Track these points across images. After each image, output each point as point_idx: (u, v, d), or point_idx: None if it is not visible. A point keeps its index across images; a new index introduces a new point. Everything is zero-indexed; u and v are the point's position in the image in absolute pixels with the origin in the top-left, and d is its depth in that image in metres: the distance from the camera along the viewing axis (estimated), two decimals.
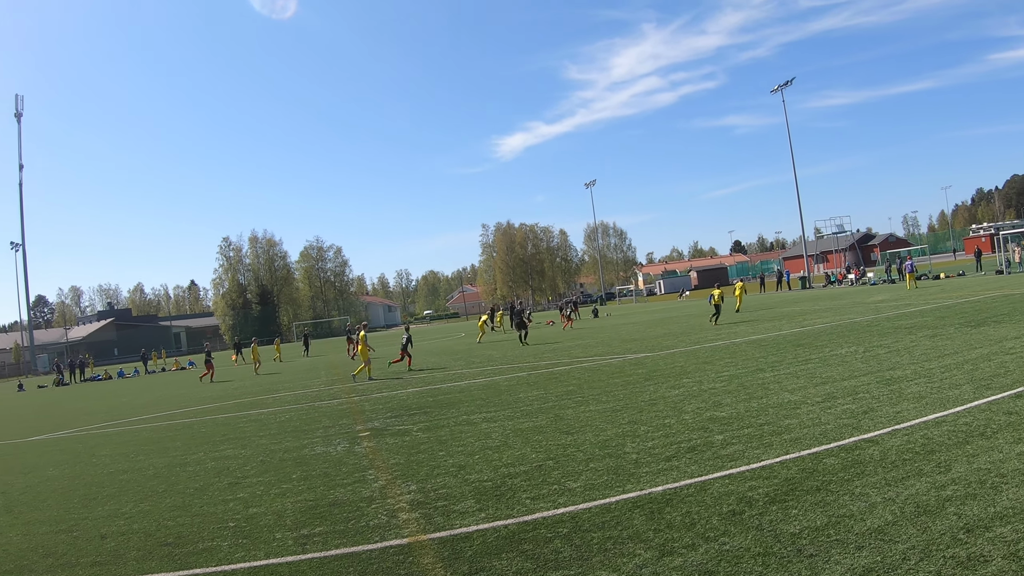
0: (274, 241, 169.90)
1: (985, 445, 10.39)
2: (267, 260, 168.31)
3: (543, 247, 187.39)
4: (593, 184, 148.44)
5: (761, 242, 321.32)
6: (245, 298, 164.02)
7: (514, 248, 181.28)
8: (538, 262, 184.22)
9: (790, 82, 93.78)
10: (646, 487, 10.31)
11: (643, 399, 18.30)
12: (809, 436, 12.34)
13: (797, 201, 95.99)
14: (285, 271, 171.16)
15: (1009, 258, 65.86)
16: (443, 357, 42.99)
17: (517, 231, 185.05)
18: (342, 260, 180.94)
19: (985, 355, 18.50)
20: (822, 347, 24.32)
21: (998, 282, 50.49)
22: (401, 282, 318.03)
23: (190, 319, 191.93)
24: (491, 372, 29.73)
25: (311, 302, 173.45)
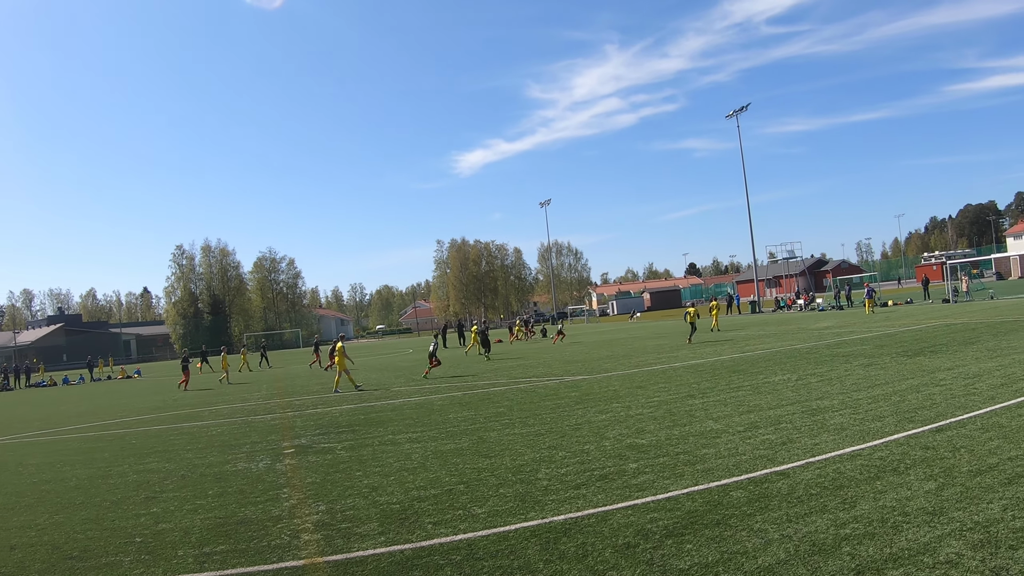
0: (227, 251, 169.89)
1: (895, 481, 10.16)
2: (220, 270, 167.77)
3: (497, 265, 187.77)
4: (548, 203, 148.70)
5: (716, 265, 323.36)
6: (197, 307, 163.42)
7: (468, 265, 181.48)
8: (491, 280, 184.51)
9: (745, 108, 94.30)
10: (549, 515, 10.13)
11: (569, 423, 18.11)
12: (722, 467, 12.10)
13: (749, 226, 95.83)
14: (238, 281, 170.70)
15: (957, 287, 66.16)
16: (385, 374, 42.75)
17: (471, 248, 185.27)
18: (295, 272, 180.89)
19: (915, 386, 18.38)
20: (757, 374, 24.20)
21: (944, 311, 50.89)
22: (355, 296, 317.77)
23: (141, 327, 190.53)
24: (428, 391, 29.43)
25: (263, 313, 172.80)
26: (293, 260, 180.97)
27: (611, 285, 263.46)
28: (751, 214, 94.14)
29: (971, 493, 9.33)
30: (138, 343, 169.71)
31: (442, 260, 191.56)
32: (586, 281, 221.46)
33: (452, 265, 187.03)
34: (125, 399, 43.03)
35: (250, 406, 30.50)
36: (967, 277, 68.71)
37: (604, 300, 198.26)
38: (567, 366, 35.25)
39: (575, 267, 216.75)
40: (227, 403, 32.90)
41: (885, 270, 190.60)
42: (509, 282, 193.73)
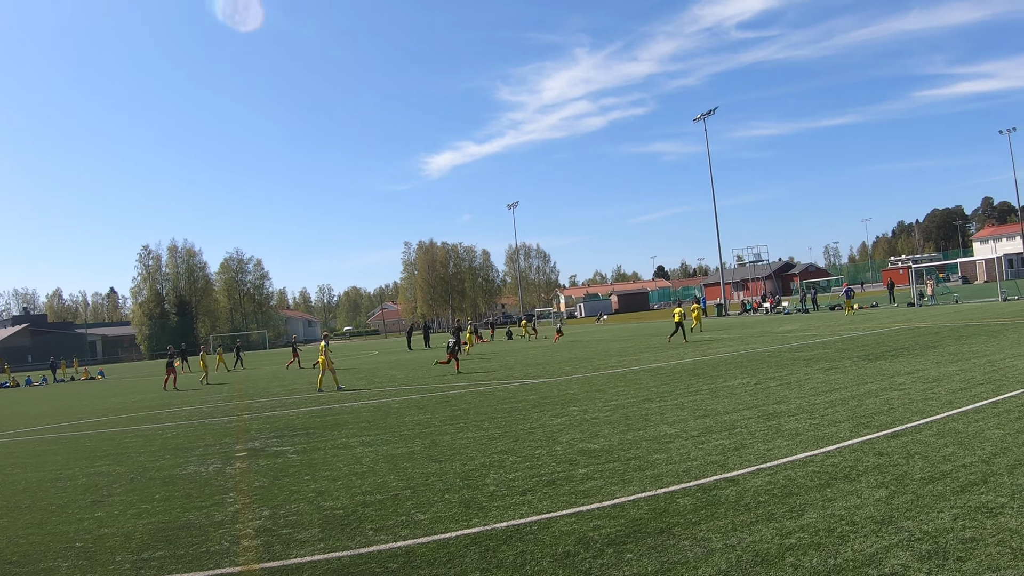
0: (194, 251, 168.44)
1: (846, 489, 9.94)
2: (186, 270, 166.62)
3: (465, 267, 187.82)
4: (516, 205, 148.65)
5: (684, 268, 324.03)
6: (163, 308, 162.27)
7: (435, 267, 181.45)
8: (459, 281, 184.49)
9: (712, 111, 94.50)
10: (492, 523, 9.94)
11: (523, 427, 17.87)
12: (672, 473, 11.86)
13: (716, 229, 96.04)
14: (204, 282, 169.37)
15: (922, 291, 66.32)
16: (346, 375, 42.17)
17: (439, 250, 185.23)
18: (262, 273, 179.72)
19: (873, 391, 18.20)
20: (716, 378, 24.02)
21: (908, 314, 51.09)
22: (323, 297, 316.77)
23: (107, 327, 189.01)
24: (388, 393, 29.18)
25: (229, 314, 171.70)
26: (260, 261, 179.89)
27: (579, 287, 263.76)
28: (718, 217, 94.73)
29: (922, 501, 9.12)
30: (104, 344, 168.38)
31: (410, 262, 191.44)
32: (554, 283, 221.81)
33: (420, 267, 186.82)
34: (86, 400, 42.37)
35: (208, 408, 30.16)
36: (932, 281, 68.72)
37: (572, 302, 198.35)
38: (528, 368, 35.06)
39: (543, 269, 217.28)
40: (186, 405, 32.56)
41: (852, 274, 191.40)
42: (477, 284, 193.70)
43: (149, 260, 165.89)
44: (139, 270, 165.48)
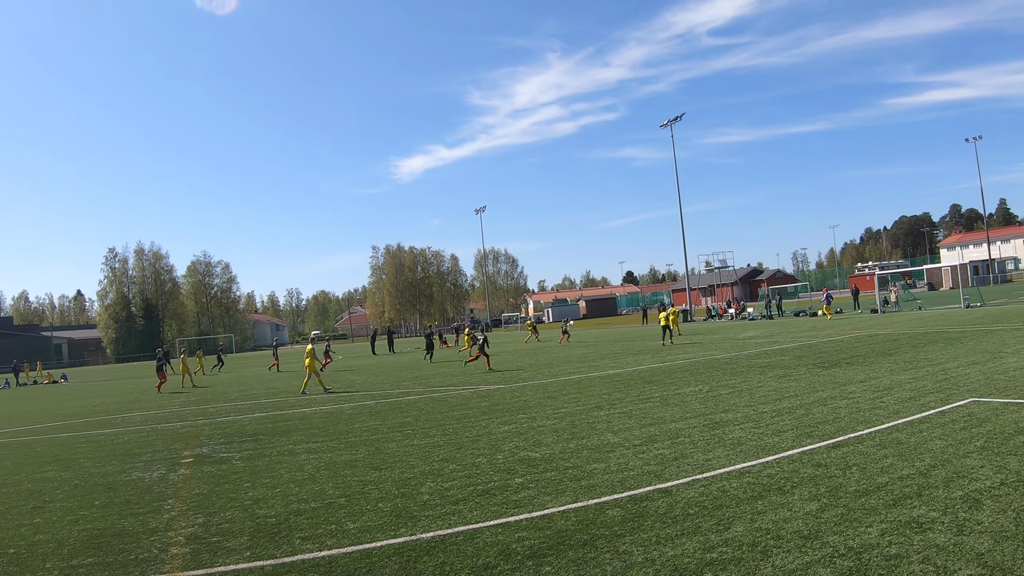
0: (161, 254, 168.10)
1: (777, 501, 9.77)
2: (153, 273, 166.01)
3: (433, 271, 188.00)
4: (483, 210, 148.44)
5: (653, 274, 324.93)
6: (129, 311, 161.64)
7: (403, 271, 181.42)
8: (427, 286, 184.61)
9: (679, 118, 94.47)
10: (419, 532, 9.86)
11: (469, 435, 17.72)
12: (607, 483, 11.70)
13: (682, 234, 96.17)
14: (171, 285, 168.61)
15: (887, 297, 66.46)
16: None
17: (407, 254, 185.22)
18: (230, 276, 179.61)
19: (823, 399, 18.10)
20: (670, 385, 23.89)
21: (870, 321, 51.06)
22: (291, 301, 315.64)
23: (73, 330, 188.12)
24: (343, 399, 29.03)
25: (196, 318, 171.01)
26: (228, 264, 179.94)
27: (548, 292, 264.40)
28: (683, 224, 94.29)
29: (852, 515, 8.94)
30: (70, 347, 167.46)
31: (378, 266, 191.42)
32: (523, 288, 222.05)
33: (388, 271, 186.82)
34: (45, 405, 42.16)
35: (164, 413, 29.95)
36: (896, 288, 68.92)
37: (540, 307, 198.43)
38: (486, 375, 34.88)
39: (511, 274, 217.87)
40: (143, 410, 32.37)
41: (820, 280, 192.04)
42: (445, 288, 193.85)
43: (116, 263, 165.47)
44: (106, 273, 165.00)
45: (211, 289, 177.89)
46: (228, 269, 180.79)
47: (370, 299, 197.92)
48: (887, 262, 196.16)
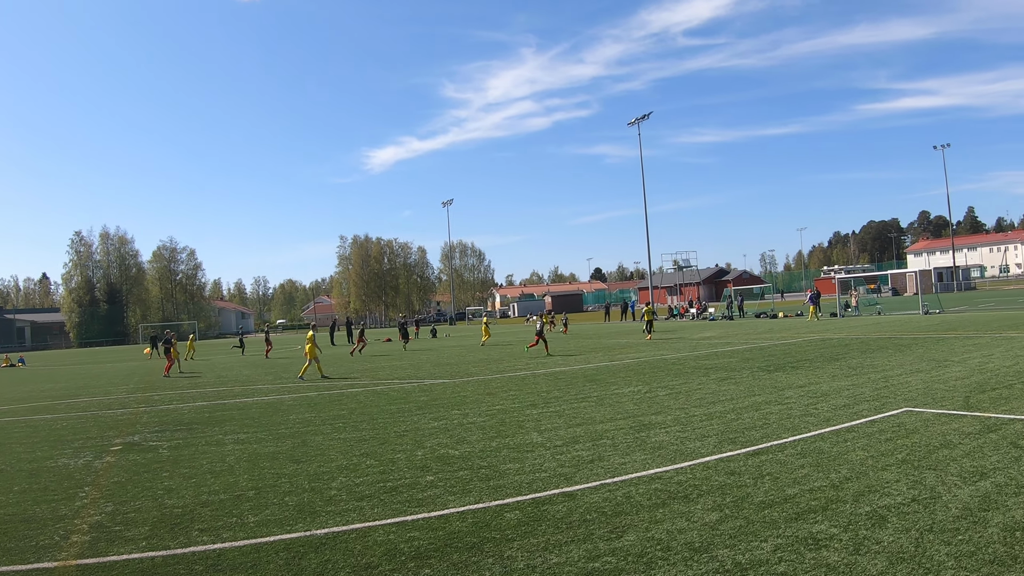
0: (126, 239, 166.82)
1: (679, 510, 9.50)
2: (118, 258, 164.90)
3: (399, 263, 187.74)
4: (450, 203, 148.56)
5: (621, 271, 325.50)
6: (93, 296, 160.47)
7: (369, 262, 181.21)
8: (393, 277, 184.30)
9: (647, 116, 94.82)
10: (315, 528, 9.73)
11: (397, 430, 17.51)
12: (515, 484, 11.48)
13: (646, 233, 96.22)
14: (136, 270, 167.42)
15: (847, 301, 66.50)
16: (258, 370, 42.37)
17: (374, 245, 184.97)
18: (195, 263, 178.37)
19: (757, 404, 17.91)
20: (611, 384, 23.72)
21: (827, 325, 51.10)
22: (258, 289, 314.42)
23: (37, 314, 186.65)
24: (290, 389, 28.94)
25: (160, 304, 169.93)
26: (194, 251, 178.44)
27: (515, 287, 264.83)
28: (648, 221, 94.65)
29: (750, 528, 8.65)
30: (33, 330, 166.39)
31: (345, 256, 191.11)
32: (490, 282, 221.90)
33: (354, 261, 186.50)
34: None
35: (109, 399, 29.69)
36: (856, 292, 68.97)
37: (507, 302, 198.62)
38: (435, 369, 34.68)
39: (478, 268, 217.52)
40: (90, 395, 32.09)
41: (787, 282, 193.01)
42: (412, 281, 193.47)
43: (81, 246, 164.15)
44: (71, 256, 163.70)
45: (176, 275, 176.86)
46: (194, 256, 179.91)
47: (336, 289, 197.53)
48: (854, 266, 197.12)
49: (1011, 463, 10.83)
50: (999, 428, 13.41)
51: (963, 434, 13.07)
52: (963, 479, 10.14)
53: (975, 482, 9.96)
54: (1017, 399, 16.34)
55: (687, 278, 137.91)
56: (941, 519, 8.53)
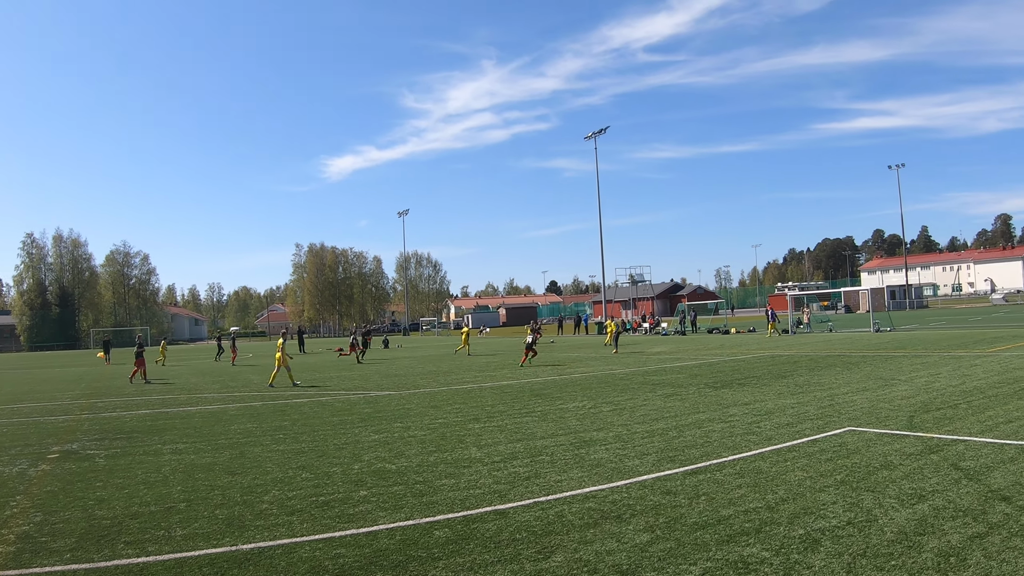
0: (80, 242, 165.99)
1: (610, 530, 9.32)
2: (71, 261, 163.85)
3: (354, 272, 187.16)
4: (406, 213, 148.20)
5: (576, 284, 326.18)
6: (45, 299, 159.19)
7: (324, 271, 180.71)
8: (347, 287, 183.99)
9: (604, 130, 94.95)
10: (242, 543, 9.53)
11: (337, 442, 17.25)
12: (448, 501, 11.27)
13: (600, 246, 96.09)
14: (89, 274, 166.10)
15: (799, 318, 66.73)
16: (205, 378, 41.95)
17: (329, 253, 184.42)
18: (149, 268, 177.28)
19: (700, 421, 17.77)
20: (556, 399, 23.55)
21: (778, 342, 51.27)
22: (212, 296, 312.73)
23: None
24: (233, 399, 28.51)
25: (113, 308, 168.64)
26: (147, 256, 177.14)
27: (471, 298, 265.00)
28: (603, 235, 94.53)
29: (681, 550, 8.48)
30: None
31: (300, 264, 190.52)
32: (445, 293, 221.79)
33: (309, 270, 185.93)
34: None
35: (53, 405, 29.23)
36: (807, 309, 69.30)
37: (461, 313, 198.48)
38: (383, 380, 34.41)
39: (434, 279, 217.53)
40: (34, 401, 31.70)
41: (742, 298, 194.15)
42: (366, 290, 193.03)
43: (33, 249, 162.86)
44: (22, 258, 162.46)
45: (129, 280, 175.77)
46: (147, 260, 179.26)
47: (290, 297, 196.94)
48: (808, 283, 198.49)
49: (950, 485, 10.73)
50: (941, 449, 13.34)
51: (904, 455, 13.00)
52: (901, 502, 10.04)
53: (913, 505, 9.86)
54: (961, 419, 16.30)
55: (641, 292, 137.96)
56: (875, 543, 8.40)
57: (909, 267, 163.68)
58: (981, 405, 18.18)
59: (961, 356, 31.38)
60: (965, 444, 13.68)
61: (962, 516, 9.26)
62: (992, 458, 12.43)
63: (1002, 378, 23.05)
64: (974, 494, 10.23)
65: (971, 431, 14.90)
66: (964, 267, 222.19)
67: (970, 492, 10.34)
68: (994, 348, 35.03)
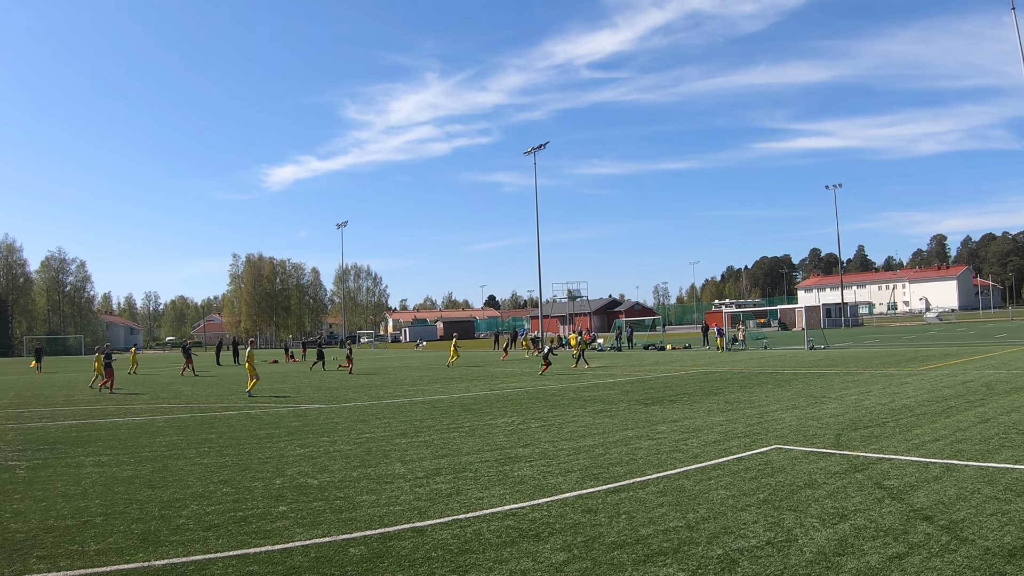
0: (14, 247, 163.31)
1: (528, 549, 9.20)
2: (5, 267, 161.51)
3: (292, 283, 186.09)
4: (345, 225, 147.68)
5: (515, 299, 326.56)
6: None
7: (262, 281, 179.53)
8: (285, 298, 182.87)
9: (543, 146, 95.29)
10: (155, 559, 9.32)
11: (261, 456, 16.99)
12: (367, 518, 11.07)
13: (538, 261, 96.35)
14: (24, 280, 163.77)
15: (734, 335, 67.13)
16: (142, 387, 41.47)
17: (267, 264, 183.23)
18: (84, 275, 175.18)
19: (628, 438, 17.69)
20: (485, 414, 23.42)
21: (712, 358, 51.64)
22: (149, 304, 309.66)
23: None
24: (162, 411, 28.04)
25: (47, 316, 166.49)
26: (84, 263, 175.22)
27: (409, 312, 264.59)
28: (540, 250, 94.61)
29: (596, 570, 8.36)
30: None
31: (237, 275, 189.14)
32: (383, 306, 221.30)
33: (246, 280, 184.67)
34: None
35: None
36: (742, 326, 69.77)
37: (399, 326, 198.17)
38: (315, 393, 34.17)
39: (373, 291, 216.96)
40: None
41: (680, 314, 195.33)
42: (304, 302, 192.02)
43: None
44: None
45: (64, 287, 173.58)
46: (84, 267, 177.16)
47: (227, 308, 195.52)
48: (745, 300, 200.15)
49: (873, 504, 10.71)
50: (866, 468, 13.34)
51: (829, 473, 12.98)
52: (822, 521, 9.98)
53: (834, 524, 9.80)
54: (888, 438, 16.37)
55: (579, 308, 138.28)
56: (794, 563, 8.33)
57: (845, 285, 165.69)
58: (909, 423, 18.28)
59: (892, 374, 31.63)
60: (891, 463, 13.70)
61: (883, 536, 9.21)
62: (916, 477, 12.44)
63: (931, 396, 23.22)
64: (896, 513, 10.20)
65: (897, 449, 14.95)
66: (900, 286, 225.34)
67: (892, 511, 10.31)
68: (925, 366, 35.37)
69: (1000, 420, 18.23)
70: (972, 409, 20.21)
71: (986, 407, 20.45)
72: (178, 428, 22.76)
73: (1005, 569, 7.92)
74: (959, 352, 45.10)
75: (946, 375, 29.96)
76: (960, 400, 22.03)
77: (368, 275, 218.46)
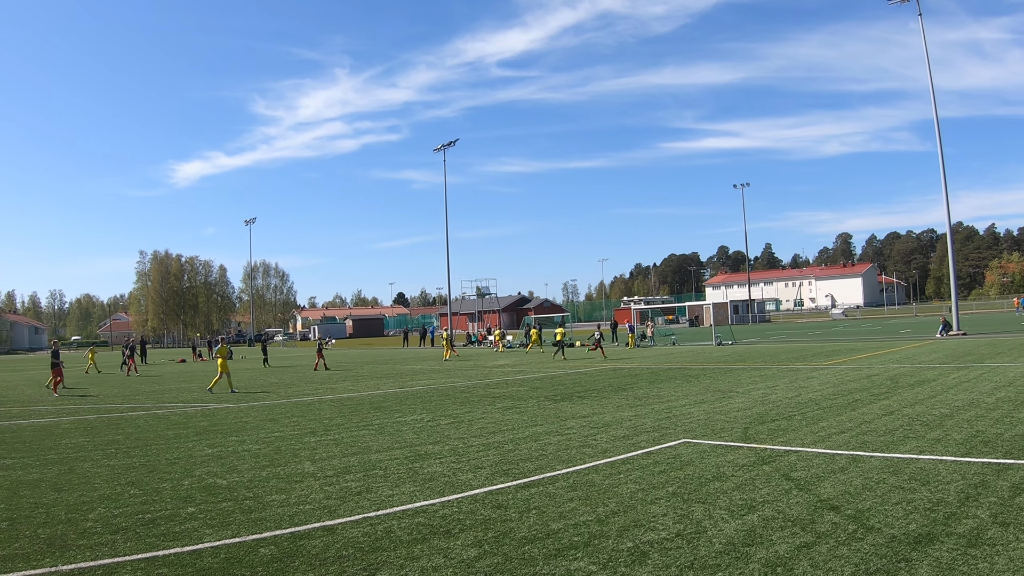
0: None
1: (438, 546, 9.19)
2: None
3: (200, 281, 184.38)
4: (253, 222, 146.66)
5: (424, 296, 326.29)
6: None
7: (169, 279, 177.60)
8: (192, 296, 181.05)
9: (453, 143, 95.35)
10: (62, 564, 9.10)
11: (169, 457, 16.76)
12: (276, 517, 10.98)
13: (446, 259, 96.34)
14: None
15: (643, 332, 67.56)
16: (33, 387, 40.80)
17: (174, 261, 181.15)
18: None
19: (537, 434, 17.79)
20: (395, 412, 23.37)
21: (621, 354, 52.24)
22: (54, 303, 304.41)
23: None
24: (68, 412, 27.62)
25: None
26: None
27: (318, 309, 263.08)
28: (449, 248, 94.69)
29: (507, 565, 8.39)
30: None
31: (144, 272, 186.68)
32: (292, 304, 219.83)
33: (153, 278, 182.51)
34: None
35: None
36: (651, 323, 70.29)
37: (308, 324, 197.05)
38: (222, 393, 33.59)
39: (281, 289, 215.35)
40: None
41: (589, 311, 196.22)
42: (212, 300, 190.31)
43: None
44: None
45: None
46: None
47: (134, 306, 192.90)
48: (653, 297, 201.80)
49: (781, 496, 10.86)
50: (773, 460, 13.50)
51: (737, 466, 13.11)
52: (731, 512, 10.09)
53: (743, 515, 9.92)
54: (795, 431, 16.59)
55: (488, 305, 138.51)
56: (703, 555, 8.40)
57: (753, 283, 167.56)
58: (815, 416, 18.55)
59: (798, 369, 32.08)
60: (797, 455, 13.90)
61: (791, 526, 9.35)
62: (823, 468, 12.63)
63: (836, 390, 23.57)
64: (804, 504, 10.36)
65: (804, 442, 15.16)
66: (806, 283, 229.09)
67: (800, 502, 10.47)
68: (831, 361, 35.93)
69: (904, 412, 18.55)
70: (877, 402, 20.53)
71: (891, 400, 20.77)
72: (84, 430, 22.39)
73: (911, 555, 8.07)
74: (864, 347, 45.76)
75: (851, 369, 30.40)
76: (865, 393, 22.36)
77: (276, 273, 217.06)
